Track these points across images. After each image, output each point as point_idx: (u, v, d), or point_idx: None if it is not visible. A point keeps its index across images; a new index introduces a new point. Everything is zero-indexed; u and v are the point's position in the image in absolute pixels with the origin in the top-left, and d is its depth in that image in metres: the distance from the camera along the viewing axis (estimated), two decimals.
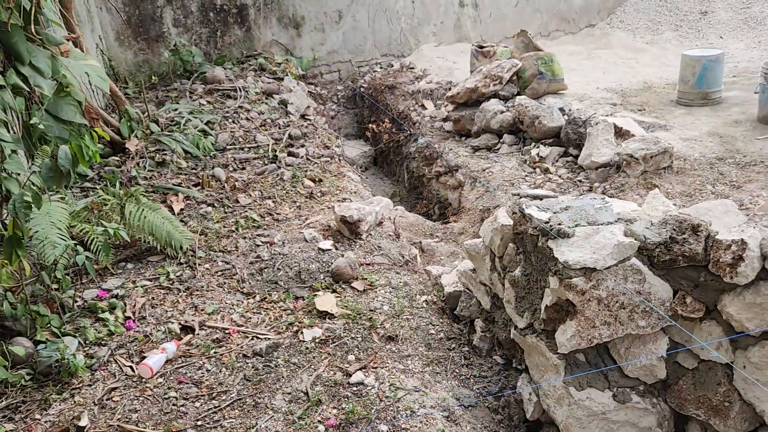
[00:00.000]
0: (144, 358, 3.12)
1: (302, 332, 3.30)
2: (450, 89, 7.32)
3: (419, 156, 6.43)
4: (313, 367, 3.05)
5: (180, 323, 3.42)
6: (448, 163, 5.73)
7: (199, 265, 4.00)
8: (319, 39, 8.36)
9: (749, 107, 5.50)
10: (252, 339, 3.29)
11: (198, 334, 3.34)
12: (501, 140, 5.66)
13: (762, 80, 4.98)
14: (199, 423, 2.72)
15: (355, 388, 2.86)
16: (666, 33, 8.57)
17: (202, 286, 3.78)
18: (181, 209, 4.66)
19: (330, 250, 4.03)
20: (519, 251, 2.81)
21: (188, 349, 3.22)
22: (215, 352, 3.18)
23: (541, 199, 2.76)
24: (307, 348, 3.19)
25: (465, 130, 6.17)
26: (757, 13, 8.22)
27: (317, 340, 3.24)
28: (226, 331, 3.35)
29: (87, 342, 3.26)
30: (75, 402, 2.84)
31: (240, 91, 6.82)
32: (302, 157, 5.76)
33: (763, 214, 3.63)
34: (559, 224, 2.43)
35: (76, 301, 3.57)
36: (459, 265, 4.02)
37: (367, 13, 8.39)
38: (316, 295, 3.59)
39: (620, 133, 4.85)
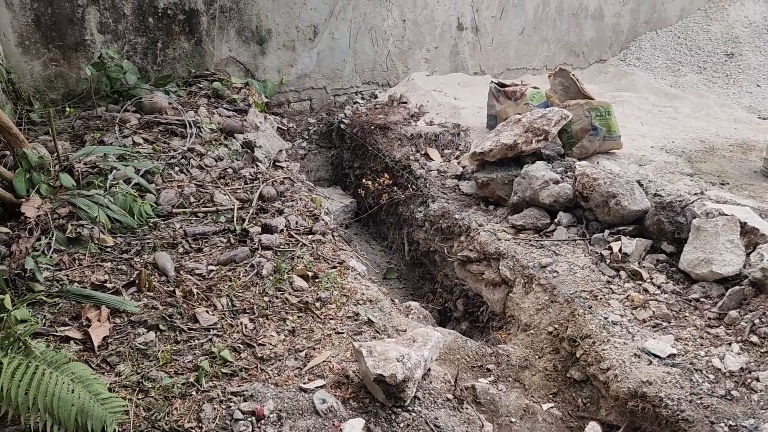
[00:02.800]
0: None
1: None
2: (459, 134, 5.87)
3: (430, 226, 4.90)
4: None
5: None
6: (483, 246, 4.22)
7: None
8: (288, 59, 6.71)
9: None
10: None
11: None
12: (555, 220, 4.22)
13: None
14: None
15: None
16: (689, 75, 7.47)
17: None
18: (105, 338, 2.92)
19: None
20: None
21: None
22: None
23: None
24: None
25: (495, 197, 4.70)
26: None
27: None
28: None
29: None
30: None
31: (190, 127, 5.07)
32: (282, 231, 4.10)
33: None
34: None
35: None
36: None
37: (349, 31, 6.82)
38: None
39: (743, 230, 3.51)
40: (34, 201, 3.87)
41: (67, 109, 5.01)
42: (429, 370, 2.90)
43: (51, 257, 3.44)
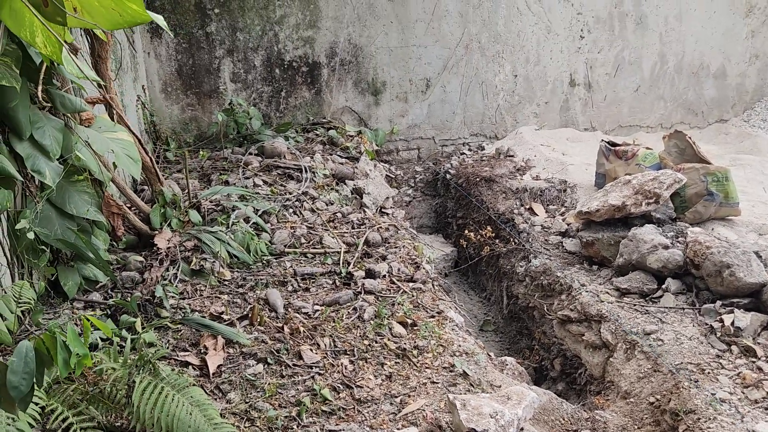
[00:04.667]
0: None
1: None
2: (565, 190, 5.84)
3: (531, 281, 4.88)
4: None
5: None
6: (585, 307, 4.17)
7: None
8: (400, 110, 7.00)
9: None
10: None
11: None
12: (663, 286, 4.09)
13: None
14: None
15: None
16: None
17: None
18: (220, 366, 3.17)
19: None
20: None
21: None
22: None
23: None
24: None
25: (599, 257, 4.62)
26: None
27: None
28: None
29: None
30: None
31: (306, 171, 5.42)
32: (384, 277, 4.26)
33: None
34: None
35: None
36: None
37: (460, 85, 7.03)
38: None
39: None
40: (166, 234, 4.29)
41: (201, 152, 5.50)
42: (522, 429, 2.90)
43: (176, 286, 3.79)
